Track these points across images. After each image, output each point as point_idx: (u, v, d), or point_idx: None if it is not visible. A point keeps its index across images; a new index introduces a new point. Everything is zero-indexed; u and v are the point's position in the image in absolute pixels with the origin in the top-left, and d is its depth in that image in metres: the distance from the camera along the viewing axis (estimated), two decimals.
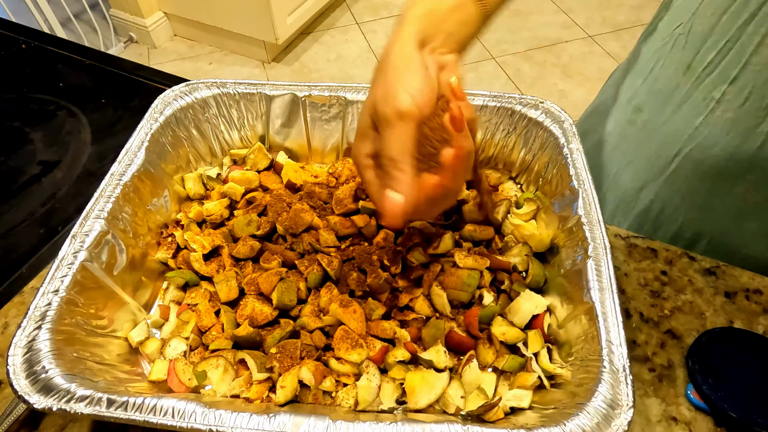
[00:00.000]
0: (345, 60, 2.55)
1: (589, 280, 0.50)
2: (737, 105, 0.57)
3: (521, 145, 0.68)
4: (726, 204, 0.65)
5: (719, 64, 0.57)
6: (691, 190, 0.67)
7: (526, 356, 0.53)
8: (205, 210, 0.66)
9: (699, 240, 0.70)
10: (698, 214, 0.68)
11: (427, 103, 0.44)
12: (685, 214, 0.69)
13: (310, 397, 0.51)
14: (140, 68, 0.99)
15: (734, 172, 0.61)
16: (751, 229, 0.65)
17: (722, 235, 0.68)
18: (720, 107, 0.59)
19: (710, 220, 0.67)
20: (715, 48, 0.57)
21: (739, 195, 0.63)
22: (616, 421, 0.42)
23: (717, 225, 0.67)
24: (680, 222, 0.70)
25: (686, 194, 0.67)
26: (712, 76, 0.59)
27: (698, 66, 0.60)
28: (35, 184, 0.82)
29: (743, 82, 0.56)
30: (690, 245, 0.70)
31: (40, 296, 0.49)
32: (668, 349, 0.57)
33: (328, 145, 0.73)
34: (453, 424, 0.42)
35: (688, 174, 0.66)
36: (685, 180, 0.67)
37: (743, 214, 0.64)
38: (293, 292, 0.56)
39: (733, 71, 0.56)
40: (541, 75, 2.46)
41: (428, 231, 0.62)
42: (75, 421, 0.54)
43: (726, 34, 0.56)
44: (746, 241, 0.66)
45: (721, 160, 0.61)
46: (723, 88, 0.58)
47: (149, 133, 0.64)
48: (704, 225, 0.68)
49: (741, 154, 0.59)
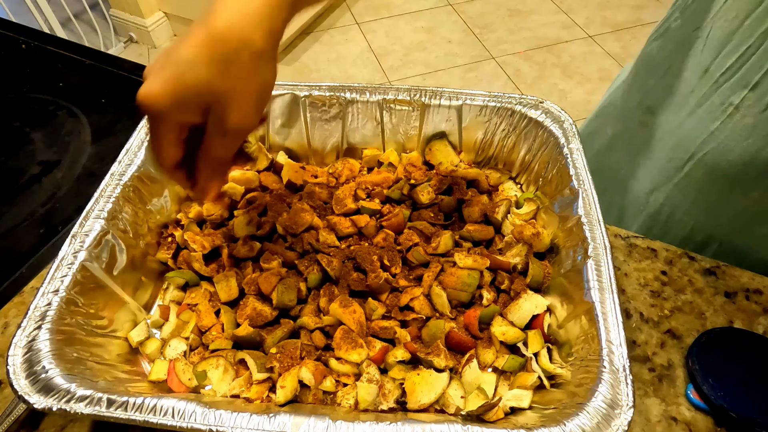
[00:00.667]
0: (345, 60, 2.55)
1: (589, 280, 0.50)
2: (758, 111, 0.57)
3: (521, 145, 0.68)
4: (739, 208, 0.64)
5: (739, 69, 0.57)
6: (703, 194, 0.66)
7: (526, 356, 0.53)
8: (205, 210, 0.66)
9: (709, 244, 0.69)
10: (710, 218, 0.67)
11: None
12: (696, 217, 0.68)
13: (310, 397, 0.51)
14: (140, 68, 0.99)
15: (751, 177, 0.61)
16: (764, 232, 0.65)
17: (733, 239, 0.67)
18: (739, 113, 0.58)
19: (722, 224, 0.67)
20: (735, 53, 0.56)
21: (753, 199, 0.62)
22: (616, 421, 0.42)
23: (728, 229, 0.67)
24: (691, 226, 0.69)
25: (698, 198, 0.67)
26: (732, 81, 0.58)
27: (716, 70, 0.59)
28: (35, 184, 0.82)
29: (765, 87, 0.55)
30: (700, 249, 0.69)
31: (40, 296, 0.49)
32: (668, 349, 0.57)
33: (328, 145, 0.73)
34: (453, 424, 0.42)
35: (702, 178, 0.65)
36: (698, 184, 0.66)
37: (757, 219, 0.64)
38: (293, 292, 0.56)
39: (754, 77, 0.56)
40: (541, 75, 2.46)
41: (428, 231, 0.62)
42: (75, 421, 0.54)
43: (747, 40, 0.55)
44: (758, 246, 0.66)
45: (738, 165, 0.61)
46: (743, 94, 0.57)
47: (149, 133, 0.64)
48: (715, 229, 0.68)
49: (760, 159, 0.58)
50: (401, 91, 0.68)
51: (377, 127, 0.71)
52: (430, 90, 0.68)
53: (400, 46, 2.60)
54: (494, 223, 0.64)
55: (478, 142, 0.71)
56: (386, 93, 0.68)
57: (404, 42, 2.62)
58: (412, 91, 0.68)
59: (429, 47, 2.58)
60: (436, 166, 0.69)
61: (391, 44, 2.61)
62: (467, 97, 0.67)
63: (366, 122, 0.70)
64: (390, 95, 0.68)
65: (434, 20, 2.74)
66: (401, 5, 2.84)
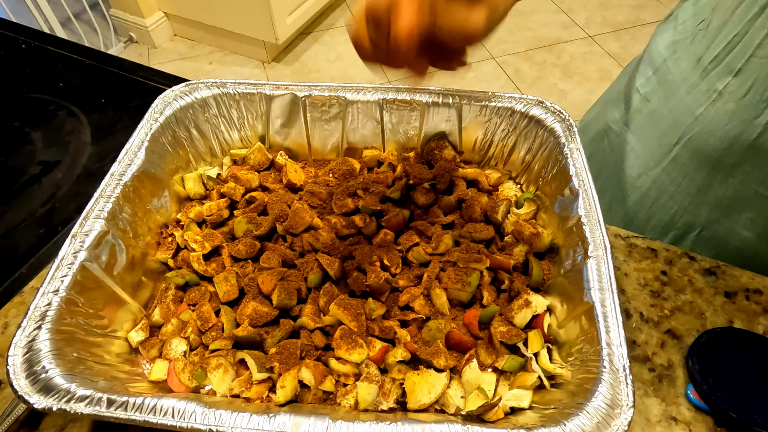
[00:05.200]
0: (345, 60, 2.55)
1: (589, 280, 0.50)
2: (739, 96, 0.58)
3: (521, 145, 0.68)
4: (720, 193, 0.66)
5: (726, 56, 0.58)
6: (687, 178, 0.68)
7: (526, 356, 0.53)
8: (205, 210, 0.66)
9: (690, 231, 0.71)
10: (692, 204, 0.69)
11: None
12: (679, 202, 0.70)
13: (310, 397, 0.51)
14: (140, 68, 0.99)
15: (731, 161, 0.62)
16: (743, 219, 0.66)
17: (714, 225, 0.69)
18: (722, 98, 0.60)
19: (703, 209, 0.68)
20: (724, 41, 0.58)
21: (734, 185, 0.64)
22: (616, 421, 0.42)
23: (710, 214, 0.68)
24: (674, 211, 0.71)
25: (682, 183, 0.69)
26: (719, 68, 0.60)
27: (707, 59, 0.61)
28: (35, 184, 0.82)
29: (747, 74, 0.57)
30: (681, 236, 0.71)
31: (40, 296, 0.49)
32: (668, 349, 0.57)
33: (328, 145, 0.73)
34: (453, 424, 0.42)
35: (686, 162, 0.67)
36: (683, 168, 0.68)
37: (737, 204, 0.65)
38: (293, 292, 0.56)
39: (738, 63, 0.57)
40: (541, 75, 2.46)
41: (428, 231, 0.62)
42: (75, 421, 0.54)
43: (735, 28, 0.57)
44: (737, 232, 0.67)
45: (719, 150, 0.62)
46: (727, 80, 0.59)
47: (149, 133, 0.64)
48: (697, 214, 0.69)
49: (739, 144, 0.60)
50: (401, 91, 0.68)
51: (377, 126, 0.71)
52: (430, 90, 0.68)
53: None
54: (494, 223, 0.64)
55: (478, 142, 0.71)
56: (386, 93, 0.68)
57: None
58: (412, 91, 0.68)
59: None
60: (436, 166, 0.69)
61: None
62: (467, 97, 0.67)
63: (366, 122, 0.70)
64: (390, 95, 0.68)
65: None
66: None
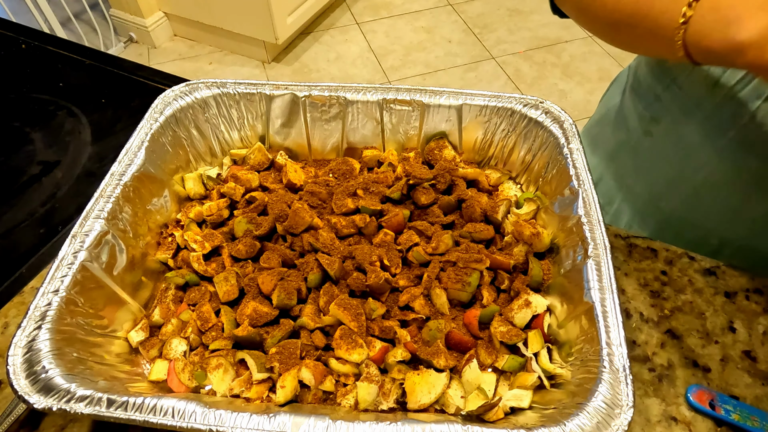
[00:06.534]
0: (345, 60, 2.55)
1: (589, 280, 0.50)
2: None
3: (521, 145, 0.68)
4: (758, 211, 0.63)
5: (752, 80, 0.56)
6: (719, 201, 0.65)
7: (526, 356, 0.53)
8: (205, 210, 0.66)
9: (725, 246, 0.68)
10: (726, 223, 0.66)
11: None
12: (712, 223, 0.67)
13: (310, 397, 0.51)
14: (140, 68, 0.99)
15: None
16: None
17: (751, 241, 0.66)
18: (754, 122, 0.57)
19: (739, 227, 0.66)
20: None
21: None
22: (616, 421, 0.42)
23: (746, 232, 0.66)
24: (706, 229, 0.68)
25: (713, 205, 0.66)
26: (745, 91, 0.57)
27: (727, 82, 0.58)
28: (35, 184, 0.82)
29: None
30: (716, 251, 0.68)
31: (40, 296, 0.49)
32: (668, 349, 0.57)
33: (328, 145, 0.73)
34: (453, 424, 0.43)
35: (718, 185, 0.64)
36: (713, 191, 0.65)
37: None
38: (293, 292, 0.56)
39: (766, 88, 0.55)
40: (541, 75, 2.46)
41: (428, 231, 0.62)
42: (75, 421, 0.54)
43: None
44: None
45: (758, 173, 0.59)
46: (757, 104, 0.56)
47: (149, 133, 0.64)
48: (732, 232, 0.67)
49: None
50: (401, 91, 0.68)
51: (377, 127, 0.71)
52: (430, 90, 0.68)
53: (400, 46, 2.60)
54: (494, 223, 0.64)
55: (478, 142, 0.71)
56: (386, 93, 0.68)
57: (404, 42, 2.62)
58: (412, 91, 0.68)
59: (429, 47, 2.58)
60: (436, 166, 0.69)
61: (391, 44, 2.61)
62: (467, 97, 0.67)
63: (366, 122, 0.70)
64: (390, 95, 0.68)
65: (434, 20, 2.74)
66: (401, 5, 2.83)
